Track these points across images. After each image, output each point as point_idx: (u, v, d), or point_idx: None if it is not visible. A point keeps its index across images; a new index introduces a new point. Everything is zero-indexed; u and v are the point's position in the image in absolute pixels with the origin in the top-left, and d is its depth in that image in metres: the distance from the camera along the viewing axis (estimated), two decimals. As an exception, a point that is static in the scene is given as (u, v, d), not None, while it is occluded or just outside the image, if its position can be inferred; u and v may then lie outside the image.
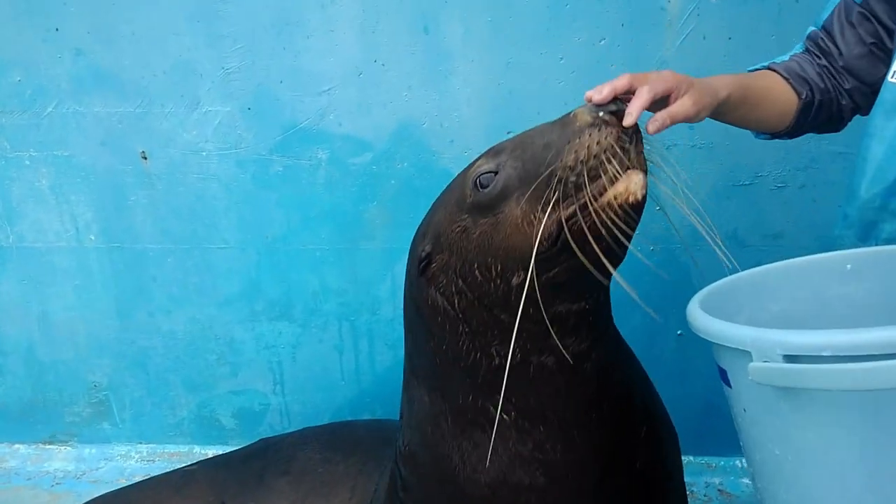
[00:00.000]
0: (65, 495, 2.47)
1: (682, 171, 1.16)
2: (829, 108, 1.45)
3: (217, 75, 2.11)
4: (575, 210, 1.04)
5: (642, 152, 1.07)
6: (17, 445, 2.72)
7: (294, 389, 2.58)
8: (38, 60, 2.17)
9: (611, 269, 1.07)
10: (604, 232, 1.03)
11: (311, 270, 2.37)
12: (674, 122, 1.14)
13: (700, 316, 1.06)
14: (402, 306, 2.40)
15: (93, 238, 2.40)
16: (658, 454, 1.36)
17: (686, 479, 1.50)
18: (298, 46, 2.05)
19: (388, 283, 2.36)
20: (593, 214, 1.02)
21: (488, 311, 1.17)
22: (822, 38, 1.42)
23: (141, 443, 2.70)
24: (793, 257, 1.68)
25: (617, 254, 1.07)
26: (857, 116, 1.52)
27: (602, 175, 1.02)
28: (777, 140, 2.09)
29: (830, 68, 1.40)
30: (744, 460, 2.53)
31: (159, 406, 2.64)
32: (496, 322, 1.17)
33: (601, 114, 1.05)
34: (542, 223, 1.05)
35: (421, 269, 1.24)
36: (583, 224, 1.03)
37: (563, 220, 1.04)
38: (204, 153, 2.22)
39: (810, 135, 2.09)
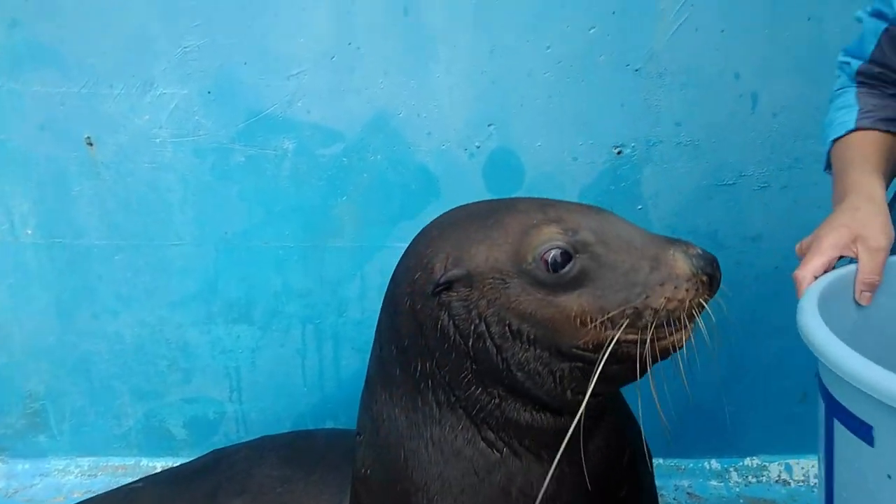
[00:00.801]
0: (-6, 516, 2.24)
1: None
2: None
3: (174, 54, 1.93)
4: (634, 340, 1.06)
5: None
6: (-60, 460, 2.46)
7: (252, 397, 2.40)
8: (-31, 31, 1.95)
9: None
10: (646, 363, 1.07)
11: (274, 269, 2.20)
12: (879, 277, 1.08)
13: (842, 353, 0.85)
14: (371, 308, 2.27)
15: (30, 232, 2.18)
16: (638, 475, 1.35)
17: (656, 483, 1.48)
18: (265, 25, 1.89)
19: (356, 283, 2.22)
20: (649, 353, 1.06)
21: (505, 364, 1.12)
22: (878, 72, 1.30)
23: (81, 456, 2.47)
24: (771, 260, 1.56)
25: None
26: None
27: (674, 324, 1.06)
28: (764, 141, 2.06)
29: None
30: (714, 462, 2.53)
31: (103, 416, 2.43)
32: (509, 376, 1.13)
33: (701, 273, 1.07)
34: (597, 332, 1.07)
35: (436, 290, 1.13)
36: (635, 352, 1.06)
37: (619, 341, 1.06)
38: (158, 140, 2.03)
39: (795, 133, 2.06)
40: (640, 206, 2.10)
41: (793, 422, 2.30)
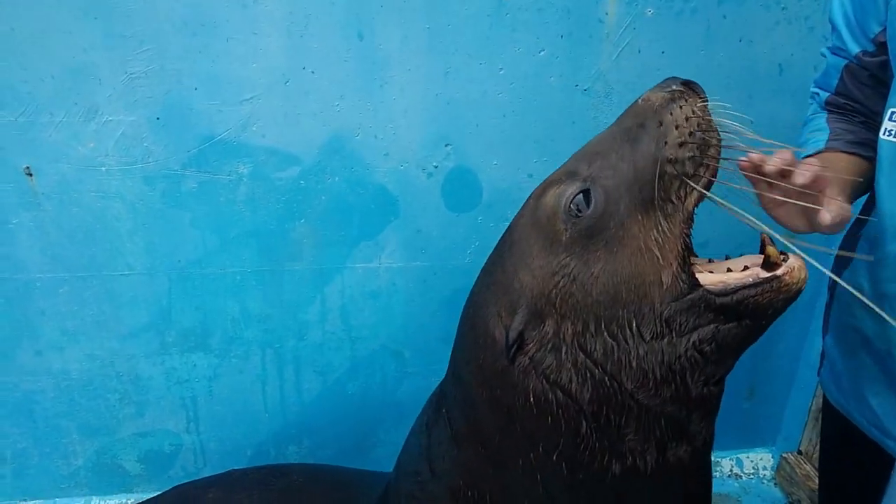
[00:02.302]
0: (-67, 573, 2.10)
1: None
2: None
3: (119, 81, 1.86)
4: (703, 183, 0.97)
5: None
6: None
7: (211, 426, 2.35)
8: None
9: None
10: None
11: (231, 295, 2.16)
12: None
13: None
14: (332, 330, 2.25)
15: (-37, 268, 2.06)
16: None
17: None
18: (216, 50, 1.85)
19: (316, 305, 2.20)
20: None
21: (621, 389, 0.96)
22: (844, 103, 1.38)
23: (25, 500, 2.36)
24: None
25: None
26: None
27: (707, 140, 0.95)
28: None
29: (870, 122, 1.35)
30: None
31: (49, 456, 2.32)
32: (632, 406, 0.97)
33: (674, 88, 0.99)
34: (674, 232, 0.96)
35: (511, 354, 0.98)
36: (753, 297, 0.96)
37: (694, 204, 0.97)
38: (104, 168, 1.95)
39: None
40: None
41: (741, 418, 2.43)
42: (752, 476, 2.59)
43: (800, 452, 2.61)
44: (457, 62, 1.93)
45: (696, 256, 1.07)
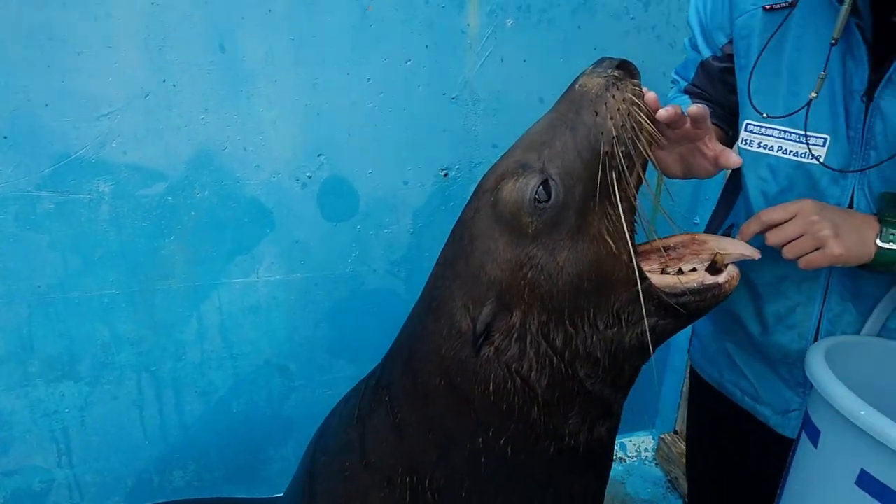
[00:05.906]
0: None
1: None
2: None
3: (-43, 97, 1.74)
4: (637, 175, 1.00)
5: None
6: None
7: (85, 458, 2.22)
8: None
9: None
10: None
11: (99, 319, 2.06)
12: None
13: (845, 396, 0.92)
14: (211, 349, 2.19)
15: None
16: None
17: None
18: (67, 64, 1.76)
19: (193, 324, 2.14)
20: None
21: (574, 376, 1.02)
22: (699, 93, 1.46)
23: None
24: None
25: None
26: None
27: (639, 127, 0.98)
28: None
29: (724, 112, 1.45)
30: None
31: None
32: (580, 391, 1.04)
33: (610, 72, 1.00)
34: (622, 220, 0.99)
35: (478, 345, 1.01)
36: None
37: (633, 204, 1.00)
38: (-55, 191, 1.82)
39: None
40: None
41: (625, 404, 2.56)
42: (634, 458, 2.74)
43: (675, 432, 2.78)
44: (324, 73, 1.93)
45: (654, 241, 1.15)
